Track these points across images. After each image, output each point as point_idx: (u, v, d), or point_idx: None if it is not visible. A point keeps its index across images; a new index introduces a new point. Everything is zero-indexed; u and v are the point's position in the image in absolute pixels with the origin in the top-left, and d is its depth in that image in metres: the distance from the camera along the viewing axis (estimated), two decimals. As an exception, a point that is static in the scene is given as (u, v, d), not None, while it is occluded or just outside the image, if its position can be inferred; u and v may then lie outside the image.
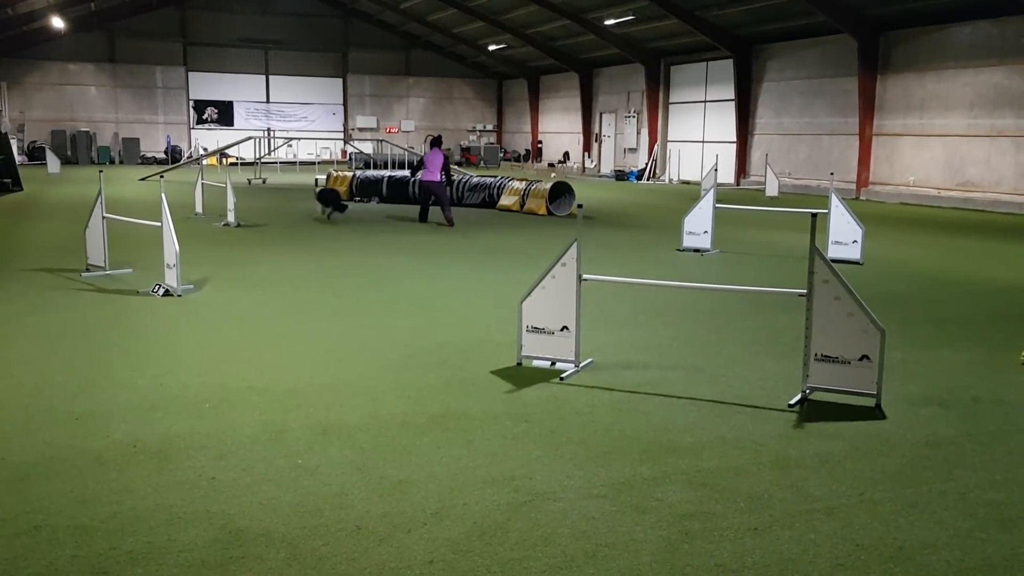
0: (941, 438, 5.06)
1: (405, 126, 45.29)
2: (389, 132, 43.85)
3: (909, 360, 6.73)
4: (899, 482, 4.36)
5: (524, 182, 19.88)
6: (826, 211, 12.28)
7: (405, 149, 34.28)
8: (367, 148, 38.28)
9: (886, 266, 11.93)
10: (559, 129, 42.72)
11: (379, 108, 45.88)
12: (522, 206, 19.13)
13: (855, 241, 12.27)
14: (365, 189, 21.64)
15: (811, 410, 5.49)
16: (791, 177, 27.50)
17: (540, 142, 44.70)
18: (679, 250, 13.17)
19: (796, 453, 4.75)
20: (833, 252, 12.20)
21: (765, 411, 5.48)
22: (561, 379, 6.08)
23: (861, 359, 5.50)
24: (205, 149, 36.73)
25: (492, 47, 41.07)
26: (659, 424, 5.20)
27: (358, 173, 22.60)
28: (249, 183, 27.70)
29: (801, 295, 5.63)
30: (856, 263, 11.94)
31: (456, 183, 20.86)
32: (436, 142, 16.63)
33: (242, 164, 34.46)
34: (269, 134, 38.54)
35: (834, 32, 25.57)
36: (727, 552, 3.57)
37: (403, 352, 6.84)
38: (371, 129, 44.26)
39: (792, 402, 5.59)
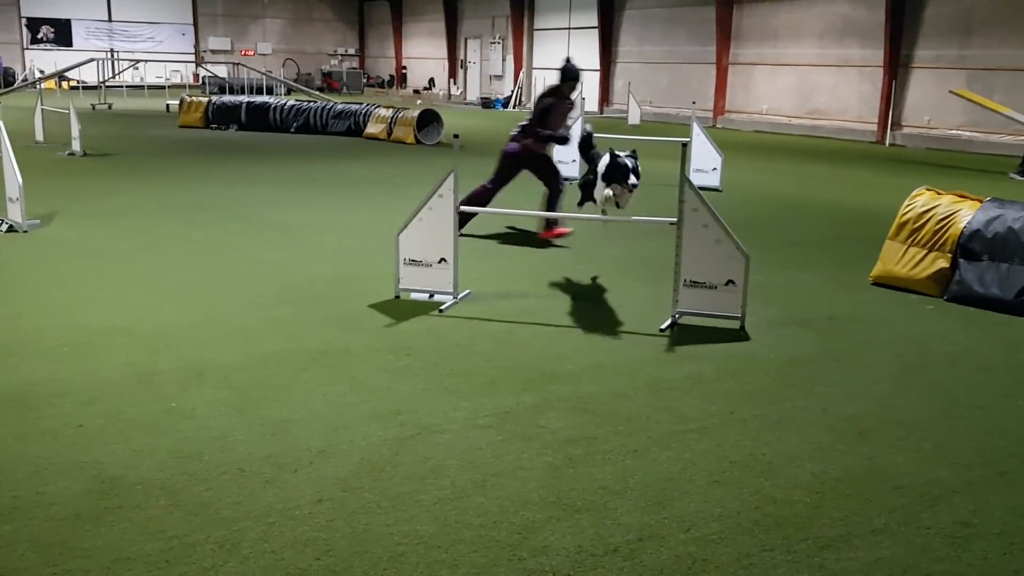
0: (801, 356, 5.37)
1: (262, 48, 43.23)
2: (244, 55, 41.76)
3: (769, 283, 7.07)
4: (765, 400, 4.62)
5: (391, 109, 19.44)
6: (689, 140, 12.63)
7: (263, 73, 32.81)
8: (221, 72, 36.36)
9: (744, 192, 12.42)
10: (424, 54, 41.81)
11: (233, 29, 43.53)
12: (389, 134, 18.73)
13: (715, 169, 12.73)
14: (222, 116, 20.64)
15: (682, 334, 5.71)
16: (652, 105, 28.04)
17: (405, 68, 43.69)
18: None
19: (669, 376, 4.95)
20: (695, 180, 12.54)
21: (639, 336, 5.66)
22: (440, 311, 6.07)
23: (727, 284, 5.75)
24: (42, 72, 33.92)
25: (352, -34, 39.48)
26: (539, 352, 5.29)
27: (214, 99, 21.49)
28: (93, 108, 25.90)
29: (672, 223, 5.79)
30: (716, 190, 12.38)
31: (318, 110, 20.17)
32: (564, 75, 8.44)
33: (84, 88, 32.15)
34: (113, 56, 35.94)
35: (695, -40, 25.97)
36: (609, 474, 3.70)
37: (276, 288, 6.64)
38: (225, 51, 42.02)
39: (663, 327, 5.80)
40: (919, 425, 4.32)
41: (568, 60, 8.51)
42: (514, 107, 33.93)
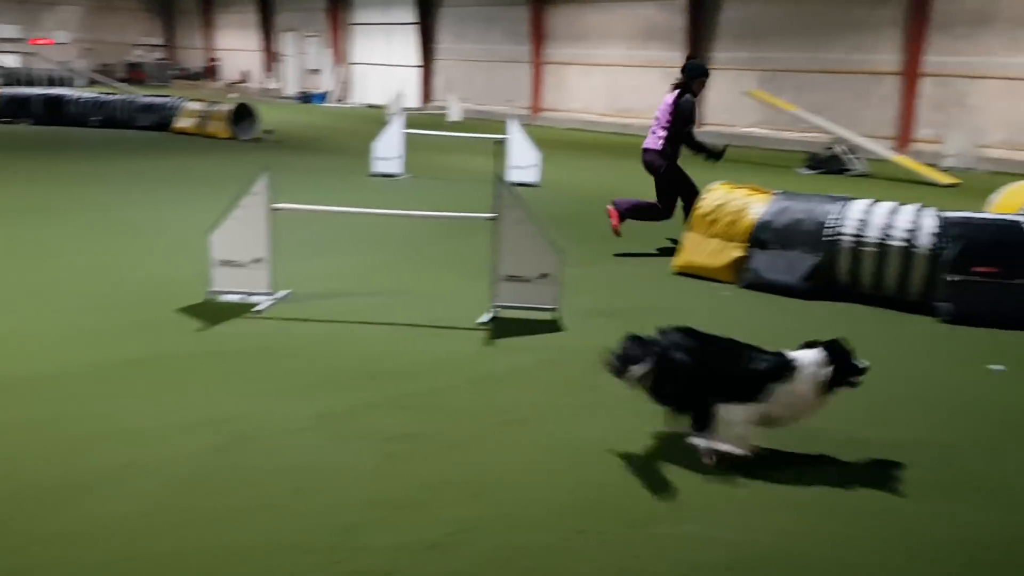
0: (612, 345, 5.61)
1: (59, 37, 40.07)
2: (37, 44, 38.61)
3: (583, 275, 7.34)
4: (580, 388, 4.81)
5: (202, 103, 18.61)
6: (507, 137, 12.89)
7: (57, 63, 30.54)
8: (12, 62, 33.48)
9: (561, 188, 12.81)
10: (237, 46, 40.22)
11: (24, 16, 40.10)
12: (201, 128, 17.93)
13: (533, 165, 13.05)
14: (13, 109, 19.06)
15: (501, 327, 5.84)
16: (472, 103, 28.35)
17: (216, 59, 41.87)
18: (370, 175, 13.16)
19: (490, 369, 5.06)
20: (514, 176, 12.87)
21: (460, 331, 5.74)
22: (256, 312, 5.91)
23: (542, 277, 5.94)
24: None
25: (155, -47, 37.36)
26: (360, 352, 5.26)
27: (3, 91, 19.81)
28: None
29: (489, 219, 5.91)
30: (534, 186, 12.71)
31: (123, 103, 19.01)
32: (694, 71, 8.42)
33: None
34: None
35: (509, -40, 26.47)
36: (431, 470, 3.74)
37: (79, 294, 6.24)
38: (14, 40, 38.68)
39: (483, 320, 5.91)
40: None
41: (692, 58, 8.15)
42: (334, 102, 33.32)
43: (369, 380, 4.79)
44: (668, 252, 7.95)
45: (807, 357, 3.89)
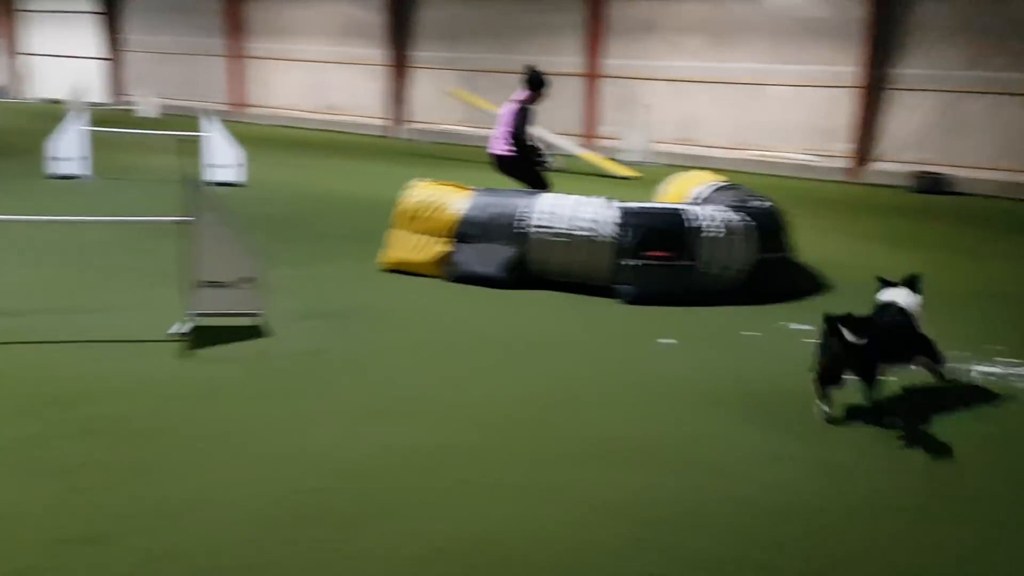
0: (322, 347, 5.57)
1: None
2: None
3: (292, 276, 7.20)
4: (291, 395, 4.71)
5: None
6: (204, 134, 12.27)
7: None
8: None
9: (268, 187, 12.43)
10: None
11: None
12: None
13: (236, 164, 12.54)
14: None
15: (201, 337, 5.55)
16: (169, 97, 26.60)
17: None
18: (48, 178, 11.94)
19: (188, 383, 4.80)
20: (214, 175, 12.28)
21: (154, 344, 5.40)
22: (-96, 341, 5.16)
23: (244, 281, 5.73)
24: None
25: None
26: (37, 375, 4.77)
27: None
28: None
29: (183, 223, 5.60)
30: (239, 185, 12.23)
31: None
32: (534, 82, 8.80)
33: None
34: None
35: (197, -51, 25.13)
36: (120, 499, 3.48)
37: None
38: None
39: (179, 331, 5.60)
40: (428, 398, 4.77)
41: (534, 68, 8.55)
42: (7, 97, 29.77)
43: (49, 406, 4.36)
44: (377, 252, 7.99)
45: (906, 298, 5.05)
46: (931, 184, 16.20)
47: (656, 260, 6.93)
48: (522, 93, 8.68)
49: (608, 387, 5.09)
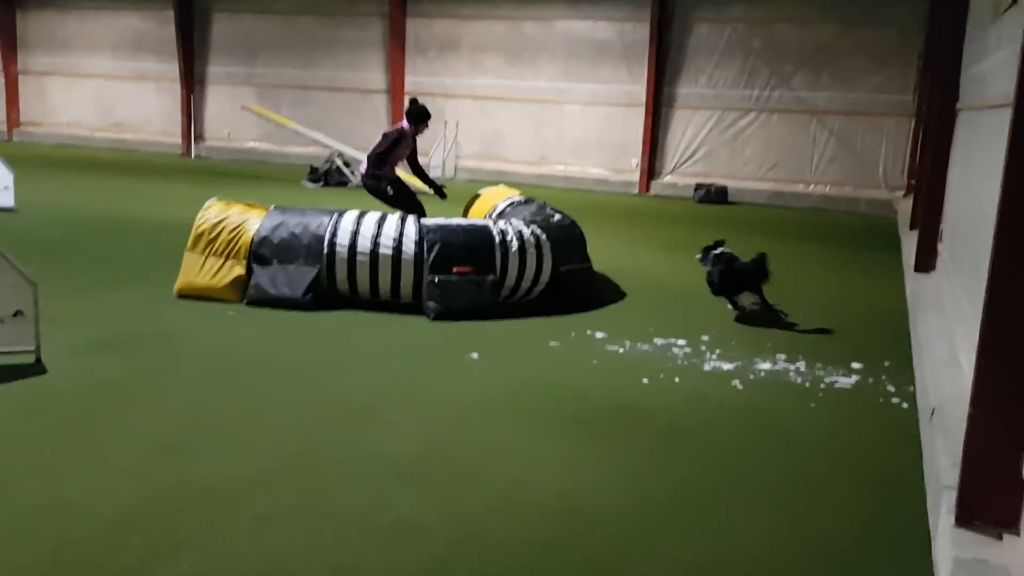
0: (108, 380, 5.22)
1: None
2: None
3: (71, 307, 6.71)
4: (69, 434, 4.38)
5: None
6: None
7: None
8: None
9: (44, 211, 11.53)
10: None
11: None
12: None
13: (6, 187, 11.55)
14: None
15: (-33, 378, 5.08)
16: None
17: None
18: None
19: (-49, 429, 4.37)
20: (-17, 201, 11.25)
21: (-91, 390, 4.87)
22: None
23: (15, 315, 5.29)
24: None
25: None
26: None
27: None
28: None
29: (-62, 256, 5.09)
30: (9, 210, 11.27)
31: None
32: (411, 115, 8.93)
33: None
34: None
35: (-43, -48, 22.97)
36: None
37: None
38: None
39: (-57, 374, 5.09)
40: (226, 429, 4.57)
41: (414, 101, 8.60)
42: None
43: None
44: (170, 277, 7.58)
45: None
46: (711, 195, 17.43)
47: (461, 275, 7.03)
48: (404, 123, 8.86)
49: (414, 404, 5.10)
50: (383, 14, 20.19)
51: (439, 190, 9.38)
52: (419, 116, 8.85)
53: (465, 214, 9.53)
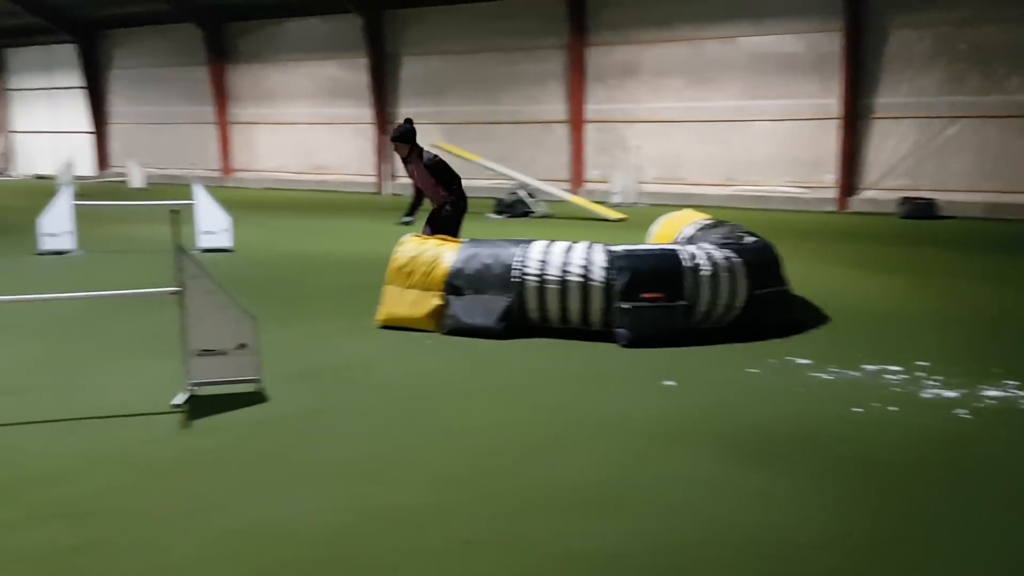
0: (314, 408, 5.50)
1: None
2: None
3: (284, 339, 7.14)
4: (283, 459, 4.63)
5: None
6: (190, 202, 12.29)
7: None
8: None
9: (257, 250, 12.43)
10: None
11: None
12: None
13: (225, 229, 12.55)
14: None
15: (198, 406, 5.48)
16: (157, 167, 26.80)
17: None
18: (38, 254, 11.93)
19: (182, 454, 4.71)
20: (205, 242, 12.29)
21: (148, 417, 5.32)
22: None
23: (239, 347, 5.67)
24: None
25: None
26: (23, 457, 4.67)
27: None
28: None
29: (174, 293, 5.56)
30: (228, 251, 12.22)
31: None
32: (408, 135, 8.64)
33: None
34: None
35: (179, 21, 25.45)
36: (123, 576, 3.40)
37: None
38: None
39: (177, 402, 5.53)
40: (426, 456, 4.67)
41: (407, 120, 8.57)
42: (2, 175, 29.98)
43: (36, 487, 4.26)
44: (371, 309, 7.94)
45: None
46: (917, 209, 16.30)
47: (651, 301, 6.90)
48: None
49: (606, 431, 5.02)
50: (563, 46, 20.48)
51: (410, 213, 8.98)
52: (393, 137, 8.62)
53: (651, 240, 9.38)
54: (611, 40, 19.95)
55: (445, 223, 8.55)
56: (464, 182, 8.82)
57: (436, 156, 8.65)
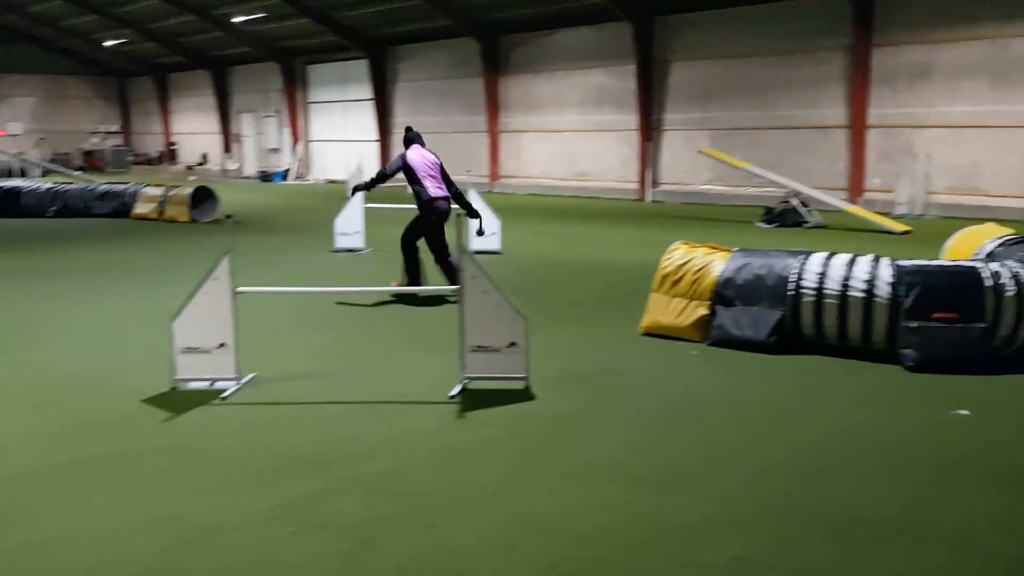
0: (582, 411, 5.59)
1: (12, 129, 39.96)
2: (-10, 136, 38.42)
3: (550, 341, 7.32)
4: (551, 458, 4.75)
5: (161, 187, 18.59)
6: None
7: (12, 156, 30.45)
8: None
9: (522, 254, 12.88)
10: (195, 129, 40.41)
11: (-26, 109, 40.03)
12: (161, 213, 17.87)
13: (494, 233, 13.13)
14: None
15: (470, 399, 5.77)
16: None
17: (174, 143, 41.97)
18: (332, 251, 13.15)
19: (460, 443, 4.98)
20: (477, 244, 12.92)
21: (428, 406, 5.67)
22: (222, 399, 5.79)
23: (510, 346, 5.90)
24: None
25: (109, 42, 37.68)
26: (327, 434, 5.16)
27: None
28: None
29: (454, 291, 5.90)
30: (497, 253, 12.77)
31: (79, 191, 18.96)
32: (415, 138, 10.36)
33: None
34: None
35: (458, 35, 27.01)
36: (407, 552, 3.65)
37: (33, 388, 6.08)
38: (-34, 134, 38.43)
39: (452, 394, 5.85)
40: (692, 468, 4.60)
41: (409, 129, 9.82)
42: (293, 180, 33.45)
43: (339, 463, 4.69)
44: (633, 316, 7.94)
45: None
46: None
47: (945, 322, 6.32)
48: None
49: (890, 459, 4.65)
50: (846, 47, 19.34)
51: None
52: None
53: (945, 255, 8.59)
54: (900, 39, 18.54)
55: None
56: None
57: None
